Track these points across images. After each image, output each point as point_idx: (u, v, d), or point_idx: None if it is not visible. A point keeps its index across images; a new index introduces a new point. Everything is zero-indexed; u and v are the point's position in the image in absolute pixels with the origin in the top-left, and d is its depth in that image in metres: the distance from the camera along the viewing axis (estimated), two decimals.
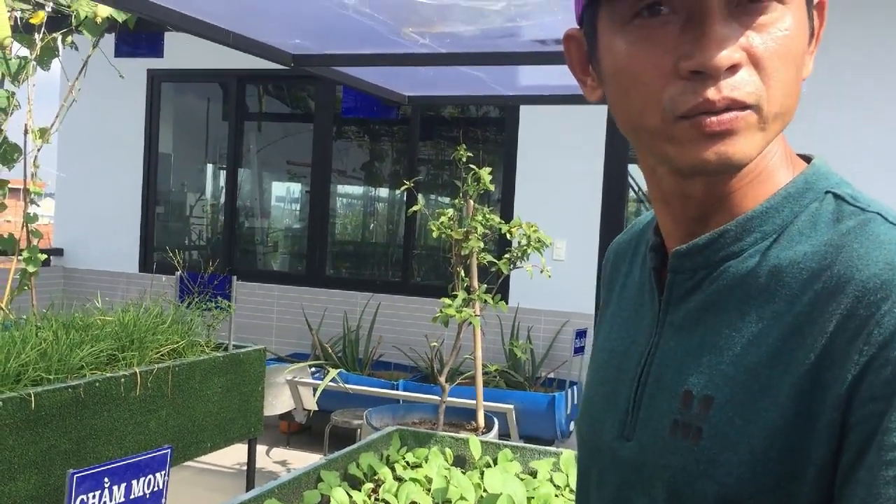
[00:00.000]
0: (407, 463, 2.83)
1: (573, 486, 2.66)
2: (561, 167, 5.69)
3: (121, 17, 3.76)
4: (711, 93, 0.65)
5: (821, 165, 0.76)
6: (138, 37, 4.53)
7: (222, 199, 7.08)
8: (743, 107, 0.66)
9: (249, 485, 3.94)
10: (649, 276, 0.83)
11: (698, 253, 0.75)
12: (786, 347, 0.67)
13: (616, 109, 0.74)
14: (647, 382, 0.77)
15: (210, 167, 7.56)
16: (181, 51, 5.86)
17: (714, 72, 0.65)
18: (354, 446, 2.80)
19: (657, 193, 0.79)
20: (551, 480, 2.70)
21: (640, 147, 0.75)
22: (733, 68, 0.65)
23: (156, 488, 1.95)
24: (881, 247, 0.65)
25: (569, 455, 2.78)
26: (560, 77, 3.19)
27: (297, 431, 5.81)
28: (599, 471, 0.83)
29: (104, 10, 3.56)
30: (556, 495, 2.58)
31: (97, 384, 2.78)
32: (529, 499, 2.51)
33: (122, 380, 2.88)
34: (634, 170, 7.53)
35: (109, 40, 4.76)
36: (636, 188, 7.64)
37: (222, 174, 7.18)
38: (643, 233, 0.90)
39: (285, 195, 7.78)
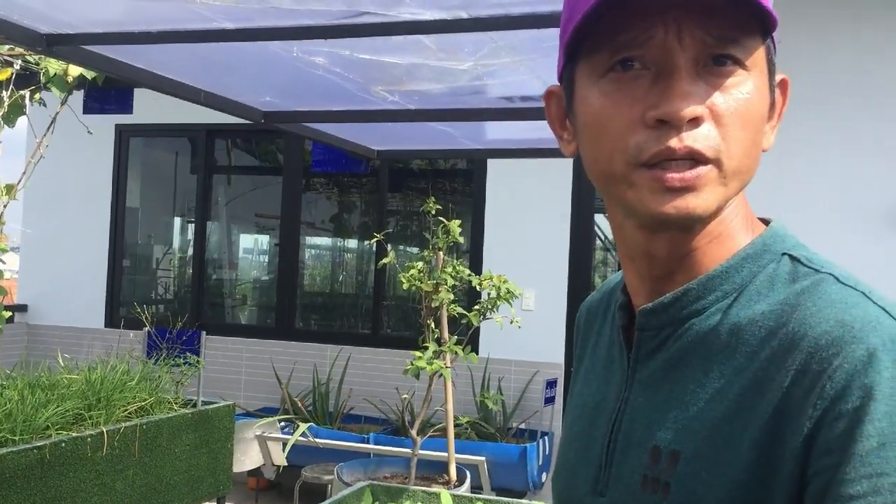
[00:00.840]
0: None
1: None
2: (528, 218, 5.75)
3: (90, 74, 3.77)
4: (674, 142, 0.69)
5: (778, 228, 0.79)
6: (107, 93, 4.54)
7: (190, 253, 7.04)
8: (703, 160, 0.70)
9: None
10: (618, 334, 0.86)
11: (663, 311, 0.78)
12: (746, 402, 0.69)
13: (587, 159, 0.77)
14: (617, 438, 0.80)
15: (178, 220, 7.53)
16: (149, 105, 5.87)
17: (677, 122, 0.69)
18: (326, 503, 2.77)
19: (624, 250, 0.82)
20: None
21: (608, 199, 0.78)
22: (695, 121, 0.69)
23: None
24: (832, 305, 0.69)
25: None
26: (526, 131, 3.25)
27: (266, 488, 5.71)
28: None
29: (75, 70, 3.58)
30: None
31: (63, 444, 2.73)
32: None
33: (89, 439, 2.84)
34: (601, 220, 7.63)
35: (78, 96, 4.77)
36: (603, 238, 7.73)
37: (190, 227, 7.16)
38: (613, 292, 0.93)
39: (254, 247, 7.76)
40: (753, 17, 0.70)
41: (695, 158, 0.70)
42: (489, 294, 3.88)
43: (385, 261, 4.10)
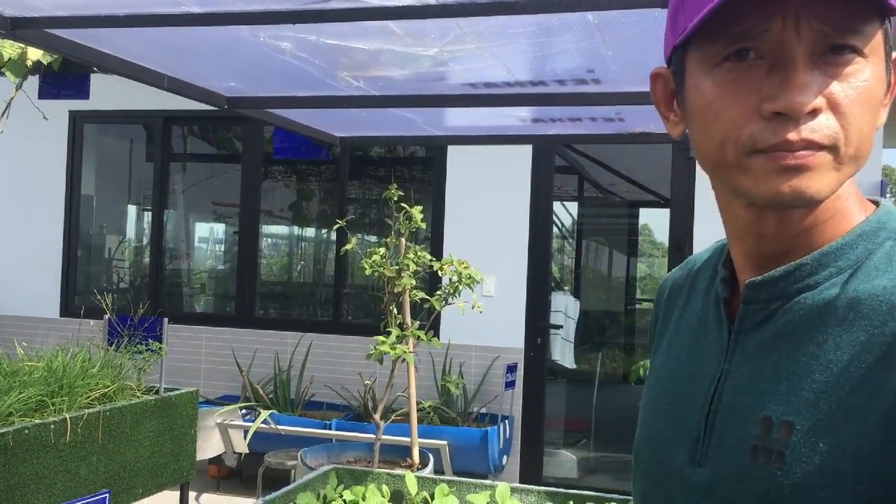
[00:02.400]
0: (345, 501, 2.84)
1: None
2: (489, 206, 5.80)
3: (46, 59, 3.72)
4: (791, 134, 0.70)
5: (891, 207, 0.80)
6: (63, 78, 4.48)
7: (146, 241, 6.97)
8: (819, 147, 0.70)
9: None
10: (716, 307, 0.86)
11: (773, 285, 0.78)
12: (870, 375, 0.69)
13: (697, 144, 0.78)
14: (718, 409, 0.79)
15: (133, 209, 7.44)
16: (105, 91, 5.80)
17: (796, 114, 0.69)
18: (291, 486, 2.80)
19: (732, 229, 0.82)
20: None
21: (717, 182, 0.80)
22: (813, 112, 0.70)
23: None
24: None
25: (504, 487, 2.83)
26: (488, 118, 3.30)
27: (228, 476, 5.70)
28: (666, 496, 0.83)
29: (34, 53, 3.53)
30: None
31: (26, 431, 2.72)
32: None
33: (52, 426, 2.82)
34: (559, 207, 7.72)
35: (33, 82, 4.69)
36: (560, 226, 7.82)
37: (146, 216, 7.08)
38: (701, 269, 0.94)
39: (211, 236, 7.70)
40: (872, 4, 0.70)
41: (812, 147, 0.70)
42: (451, 279, 3.93)
43: (347, 247, 4.12)
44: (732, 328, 0.82)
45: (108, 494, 1.98)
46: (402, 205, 3.94)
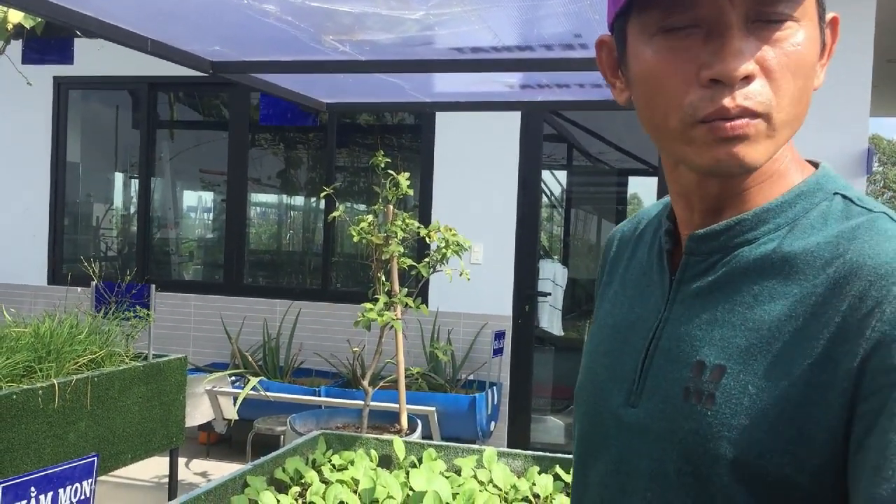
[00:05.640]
0: (333, 466, 2.86)
1: (497, 482, 2.74)
2: (477, 173, 5.79)
3: (29, 22, 3.67)
4: (727, 101, 0.72)
5: (829, 170, 0.83)
6: (47, 43, 4.42)
7: (133, 209, 6.94)
8: (754, 115, 0.73)
9: (172, 496, 3.89)
10: (659, 258, 0.89)
11: (715, 237, 0.82)
12: (800, 325, 0.73)
13: (641, 112, 0.80)
14: (654, 354, 0.83)
15: (120, 176, 7.39)
16: (90, 57, 5.73)
17: (730, 81, 0.72)
18: (280, 451, 2.82)
19: (676, 188, 0.86)
20: (475, 477, 2.77)
21: (661, 147, 0.82)
22: (747, 79, 0.72)
23: (83, 497, 1.94)
24: (891, 240, 0.73)
25: (491, 452, 2.85)
26: (475, 84, 3.28)
27: (217, 442, 5.74)
28: (602, 437, 0.87)
29: (15, 16, 3.48)
30: (480, 490, 2.65)
31: (14, 396, 2.72)
32: (454, 495, 2.58)
33: (40, 392, 2.83)
34: (547, 175, 7.71)
35: (16, 46, 4.63)
36: (549, 193, 7.82)
37: (133, 183, 7.04)
38: (649, 222, 0.97)
39: (199, 204, 7.66)
40: None
41: (746, 115, 0.73)
42: (438, 246, 3.93)
43: (335, 214, 4.11)
44: (674, 278, 0.85)
45: (96, 458, 1.99)
46: (390, 172, 3.93)
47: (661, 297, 0.86)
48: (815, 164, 0.85)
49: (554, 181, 8.27)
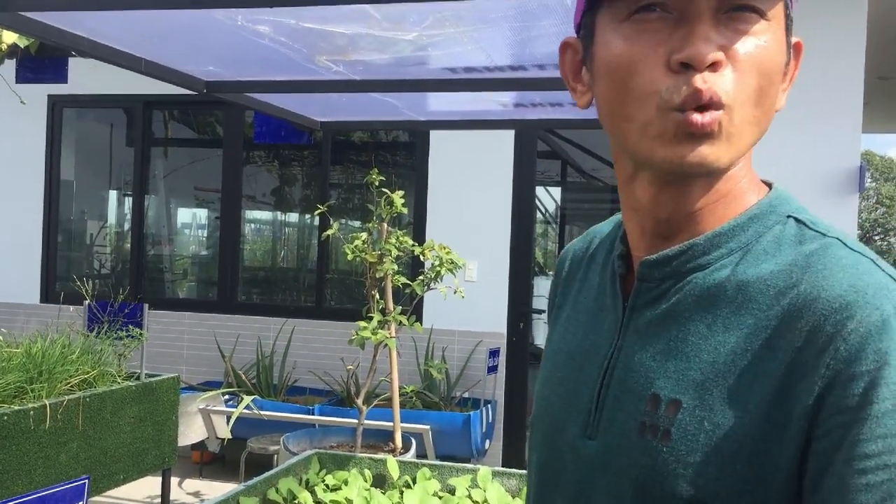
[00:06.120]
0: (327, 486, 2.84)
1: (491, 501, 2.73)
2: (471, 190, 5.80)
3: (23, 42, 3.68)
4: (699, 82, 0.71)
5: (782, 191, 0.82)
6: (41, 62, 4.42)
7: (127, 227, 6.92)
8: (718, 105, 0.71)
9: None
10: (612, 282, 0.87)
11: (667, 263, 0.80)
12: (755, 358, 0.71)
13: (607, 105, 0.78)
14: (610, 384, 0.81)
15: (114, 194, 7.39)
16: (84, 75, 5.74)
17: (699, 64, 0.71)
18: (273, 471, 2.80)
19: (630, 203, 0.83)
20: (469, 497, 2.76)
21: (619, 147, 0.80)
22: (715, 65, 0.71)
23: None
24: (844, 270, 0.71)
25: (486, 472, 2.84)
26: (469, 103, 3.29)
27: (210, 461, 5.70)
28: (558, 469, 0.85)
29: (9, 37, 3.49)
30: None
31: (5, 417, 2.70)
32: None
33: (31, 412, 2.81)
34: (542, 192, 7.73)
35: (10, 66, 4.64)
36: (543, 210, 7.83)
37: (127, 201, 7.03)
38: (601, 242, 0.95)
39: (193, 221, 7.66)
40: None
41: (713, 104, 0.72)
42: (432, 264, 3.93)
43: (329, 232, 4.11)
44: (627, 305, 0.83)
45: (87, 480, 1.98)
46: (384, 189, 3.93)
47: (614, 323, 0.84)
48: (770, 185, 0.84)
49: (548, 198, 8.29)
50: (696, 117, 0.72)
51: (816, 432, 0.67)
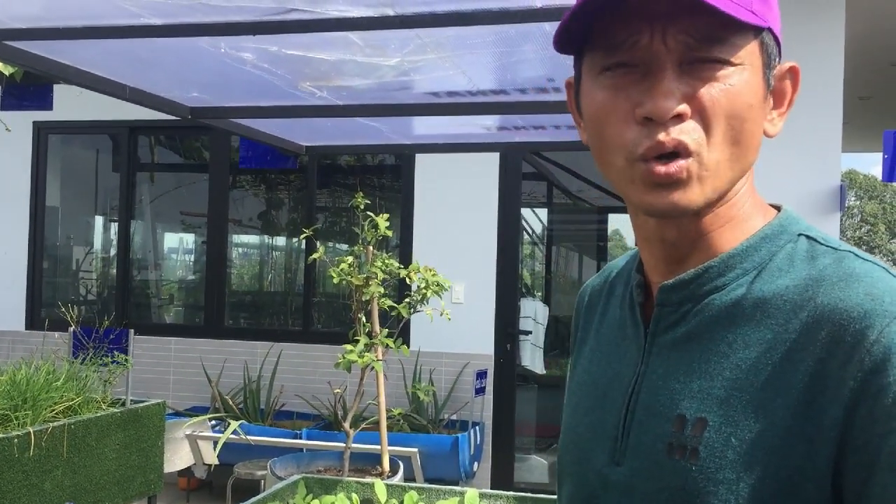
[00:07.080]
0: None
1: None
2: (457, 212, 5.82)
3: (8, 70, 3.69)
4: (662, 136, 0.73)
5: (791, 212, 0.85)
6: (26, 89, 4.43)
7: (113, 252, 6.91)
8: (686, 153, 0.74)
9: None
10: (632, 311, 0.89)
11: (684, 287, 0.82)
12: (777, 372, 0.73)
13: (593, 151, 0.82)
14: (635, 409, 0.82)
15: (100, 219, 7.37)
16: (69, 102, 5.75)
17: (660, 118, 0.73)
18: (260, 496, 2.79)
19: (642, 234, 0.86)
20: None
21: (615, 188, 0.83)
22: (679, 117, 0.74)
23: None
24: (859, 279, 0.73)
25: (473, 494, 2.84)
26: (453, 126, 3.32)
27: (197, 488, 5.66)
28: (589, 497, 0.86)
29: None
30: None
31: None
32: None
33: (16, 440, 2.79)
34: (528, 213, 7.76)
35: None
36: (530, 231, 7.86)
37: (113, 226, 7.02)
38: (618, 275, 0.97)
39: (179, 246, 7.65)
40: (730, 20, 0.72)
41: (680, 152, 0.74)
42: (418, 286, 3.94)
43: (315, 255, 4.11)
44: (648, 331, 0.85)
45: None
46: (369, 213, 3.95)
47: (636, 350, 0.85)
48: (778, 208, 0.86)
49: (534, 219, 8.33)
50: (660, 168, 0.74)
51: (852, 445, 0.68)
